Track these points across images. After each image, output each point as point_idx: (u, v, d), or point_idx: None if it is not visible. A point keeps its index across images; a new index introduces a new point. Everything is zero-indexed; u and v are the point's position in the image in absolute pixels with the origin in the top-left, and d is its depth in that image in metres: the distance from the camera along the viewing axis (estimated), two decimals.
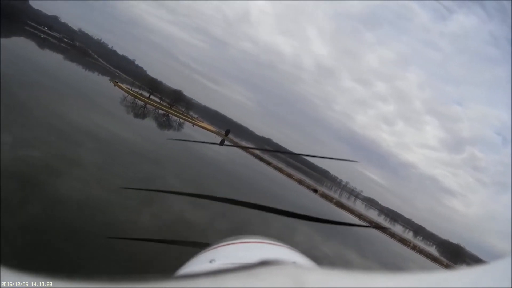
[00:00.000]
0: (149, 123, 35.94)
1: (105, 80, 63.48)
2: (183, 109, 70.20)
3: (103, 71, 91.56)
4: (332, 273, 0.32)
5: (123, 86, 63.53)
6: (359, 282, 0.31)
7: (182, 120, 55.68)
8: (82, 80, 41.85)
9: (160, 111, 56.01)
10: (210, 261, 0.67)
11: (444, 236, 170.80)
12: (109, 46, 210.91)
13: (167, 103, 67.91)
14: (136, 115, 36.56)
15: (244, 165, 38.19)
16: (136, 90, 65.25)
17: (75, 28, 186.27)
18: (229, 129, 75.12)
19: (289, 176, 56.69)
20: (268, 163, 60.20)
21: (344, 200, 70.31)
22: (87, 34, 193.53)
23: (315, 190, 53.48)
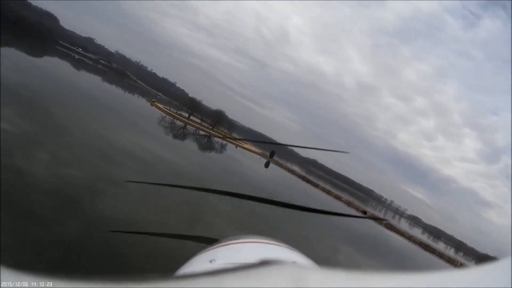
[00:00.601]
0: (190, 145, 33.59)
1: (143, 101, 62.14)
2: (226, 131, 66.69)
3: (143, 93, 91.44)
4: (332, 273, 0.31)
5: (160, 105, 61.44)
6: (359, 282, 0.30)
7: (224, 142, 52.02)
8: (120, 101, 40.83)
9: (201, 132, 52.70)
10: (210, 261, 0.67)
11: (483, 250, 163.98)
12: (149, 68, 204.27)
13: (208, 124, 64.86)
14: (176, 136, 34.38)
15: (290, 187, 35.93)
16: (175, 110, 62.75)
17: (112, 50, 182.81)
18: (274, 151, 70.45)
19: (338, 198, 53.83)
20: (316, 185, 56.81)
21: (392, 221, 65.79)
22: (124, 57, 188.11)
23: (364, 212, 51.14)
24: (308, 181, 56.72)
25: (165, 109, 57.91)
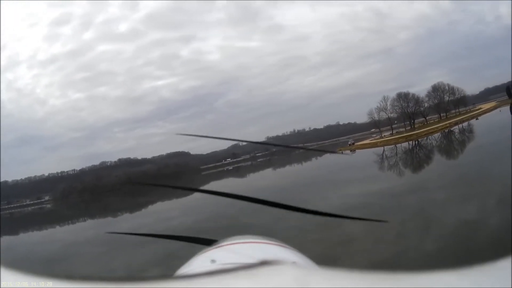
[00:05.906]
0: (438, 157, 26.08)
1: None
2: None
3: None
4: (332, 273, 0.32)
5: (363, 142, 54.48)
6: (359, 282, 0.30)
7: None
8: None
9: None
10: (211, 261, 0.68)
11: None
12: None
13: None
14: (415, 165, 26.02)
15: None
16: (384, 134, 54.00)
17: None
18: None
19: None
20: None
21: None
22: None
23: None
24: None
25: (372, 142, 50.11)
